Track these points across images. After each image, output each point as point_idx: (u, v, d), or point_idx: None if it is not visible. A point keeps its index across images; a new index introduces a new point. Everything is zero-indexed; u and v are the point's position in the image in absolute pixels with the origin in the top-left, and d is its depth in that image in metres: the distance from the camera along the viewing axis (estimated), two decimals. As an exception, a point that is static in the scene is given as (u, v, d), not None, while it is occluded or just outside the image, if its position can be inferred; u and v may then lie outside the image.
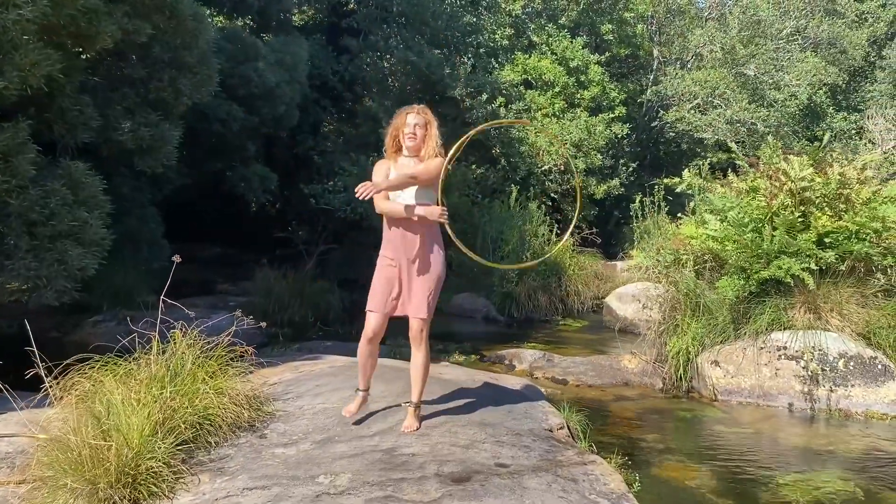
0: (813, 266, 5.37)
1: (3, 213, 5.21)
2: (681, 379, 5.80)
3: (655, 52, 18.77)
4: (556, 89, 14.73)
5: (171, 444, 3.19)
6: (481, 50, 15.72)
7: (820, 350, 5.34)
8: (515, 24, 15.99)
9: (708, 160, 11.56)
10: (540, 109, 14.29)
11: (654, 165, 19.12)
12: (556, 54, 15.29)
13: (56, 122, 6.13)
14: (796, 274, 5.32)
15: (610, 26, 17.24)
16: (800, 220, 5.51)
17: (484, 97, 13.10)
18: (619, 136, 14.97)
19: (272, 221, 15.33)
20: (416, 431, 3.61)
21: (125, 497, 2.92)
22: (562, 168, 13.68)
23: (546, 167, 13.53)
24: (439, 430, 3.59)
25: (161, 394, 3.45)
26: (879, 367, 5.27)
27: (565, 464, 3.36)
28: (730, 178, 6.24)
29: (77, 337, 7.97)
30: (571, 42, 15.42)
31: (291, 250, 11.94)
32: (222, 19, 14.34)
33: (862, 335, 5.45)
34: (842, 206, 5.57)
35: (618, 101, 15.95)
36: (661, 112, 17.82)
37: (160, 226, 10.63)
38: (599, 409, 5.34)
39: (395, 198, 3.56)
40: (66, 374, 3.70)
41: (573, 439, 4.01)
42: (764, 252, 5.51)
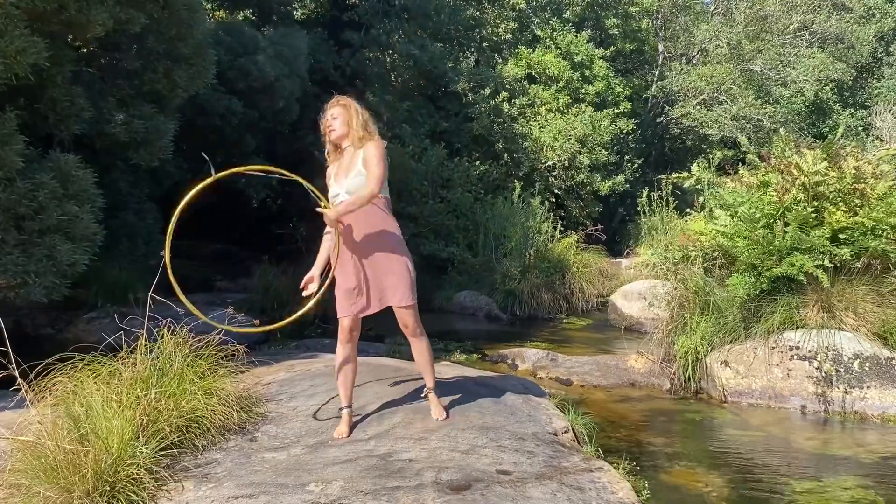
0: (827, 263, 5.17)
1: (-10, 207, 5.06)
2: (689, 379, 5.61)
3: (661, 48, 18.54)
4: (561, 84, 14.52)
5: (154, 448, 3.03)
6: (484, 44, 15.54)
7: (834, 350, 5.15)
8: (519, 17, 15.78)
9: (715, 156, 11.33)
10: (544, 104, 14.07)
11: (659, 162, 18.90)
12: (560, 49, 15.07)
13: (47, 114, 5.97)
14: (810, 271, 5.13)
15: (615, 20, 17.03)
16: (813, 215, 5.31)
17: (487, 92, 12.92)
18: (624, 132, 14.76)
19: (273, 218, 15.19)
20: (446, 420, 3.58)
21: (103, 506, 2.76)
22: (566, 164, 13.48)
23: (550, 163, 13.32)
24: (438, 434, 3.41)
25: (145, 395, 3.28)
26: (896, 368, 5.09)
27: (571, 471, 3.19)
28: (740, 172, 6.05)
29: (70, 334, 7.83)
30: (576, 36, 15.20)
31: (292, 247, 11.77)
32: (222, 14, 14.20)
33: (878, 335, 5.26)
34: (857, 201, 5.37)
35: (623, 96, 15.74)
36: (667, 108, 17.61)
37: (158, 221, 10.46)
38: (605, 410, 5.16)
39: (333, 195, 3.53)
40: (47, 374, 3.55)
41: (578, 443, 3.83)
42: (776, 248, 5.32)
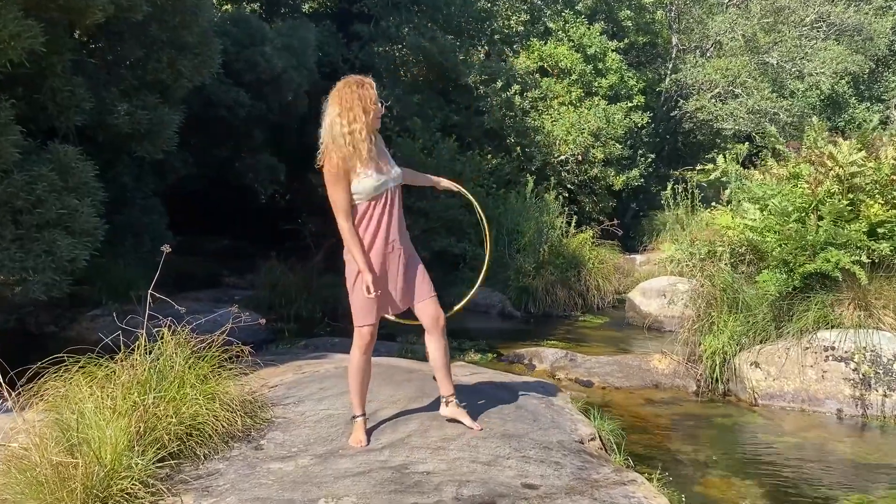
0: (864, 259, 4.90)
1: (-15, 200, 4.84)
2: (716, 381, 5.35)
3: (674, 40, 18.21)
4: (573, 77, 14.23)
5: (151, 459, 2.79)
6: (496, 37, 15.26)
7: (872, 351, 4.87)
8: (531, 9, 15.50)
9: (740, 148, 10.98)
10: (556, 97, 13.79)
11: (672, 157, 18.57)
12: (573, 41, 14.79)
13: (47, 104, 5.75)
14: (846, 267, 4.86)
15: (628, 12, 16.72)
16: (849, 208, 5.04)
17: (499, 85, 12.64)
18: (638, 126, 14.47)
19: (281, 213, 14.96)
20: (477, 427, 3.36)
21: (94, 523, 2.53)
22: (579, 158, 13.20)
23: (562, 157, 13.06)
24: (457, 443, 3.17)
25: (143, 400, 3.05)
26: (937, 369, 4.81)
27: (602, 484, 2.94)
28: (768, 163, 5.77)
29: (74, 332, 7.63)
30: (589, 29, 14.92)
31: (301, 243, 11.56)
32: (229, 7, 13.97)
33: (919, 335, 4.99)
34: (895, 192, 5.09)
35: (636, 90, 15.44)
36: (681, 102, 17.29)
37: (164, 216, 10.26)
38: (629, 414, 4.90)
39: (380, 185, 3.13)
40: (42, 377, 3.33)
41: (606, 452, 3.58)
42: (809, 243, 5.04)
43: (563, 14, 15.40)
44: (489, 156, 12.40)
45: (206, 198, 13.80)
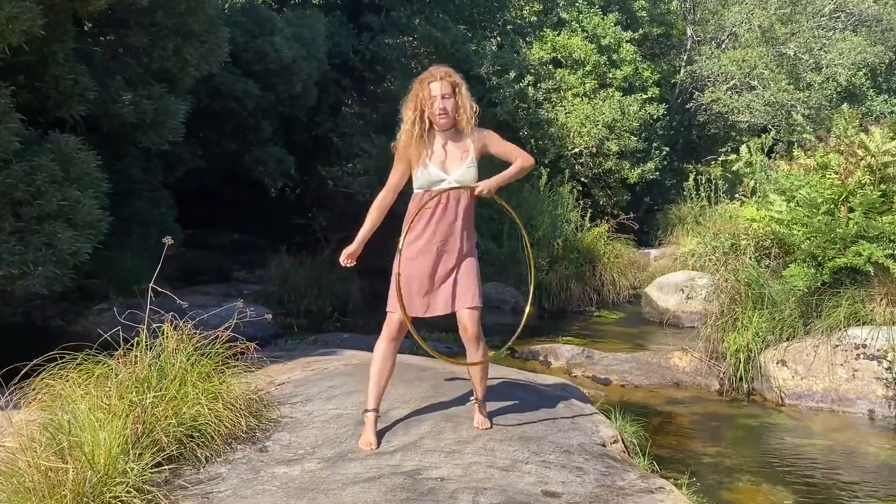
0: (898, 253, 4.68)
1: (-16, 191, 4.70)
2: (741, 380, 5.14)
3: (689, 31, 17.92)
4: (587, 68, 13.99)
5: (148, 463, 2.62)
6: (508, 27, 15.03)
7: (906, 349, 4.66)
8: (544, 0, 15.25)
9: (761, 139, 10.64)
10: (570, 89, 13.55)
11: (687, 150, 18.29)
12: (586, 32, 14.54)
13: (50, 93, 5.60)
14: (879, 261, 4.64)
15: (643, 3, 16.43)
16: (881, 199, 4.81)
17: (511, 75, 12.43)
18: (653, 117, 14.20)
19: (292, 207, 14.82)
20: (489, 429, 3.18)
21: (84, 533, 2.37)
22: (593, 151, 12.97)
23: (576, 150, 12.83)
24: (473, 447, 2.99)
25: (140, 400, 2.88)
26: (974, 368, 4.58)
27: (628, 491, 2.75)
28: (795, 153, 5.53)
29: (80, 326, 7.50)
30: (603, 19, 14.66)
31: (311, 237, 11.40)
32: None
33: (954, 332, 4.75)
34: (930, 183, 4.86)
35: (651, 81, 15.18)
36: (696, 93, 16.99)
37: (172, 209, 10.14)
38: (650, 414, 4.70)
39: (436, 178, 3.11)
40: (37, 374, 3.18)
41: (629, 455, 3.39)
42: (839, 236, 4.82)
43: (576, 4, 15.14)
44: (502, 148, 12.18)
45: (216, 192, 13.68)
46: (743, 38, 17.31)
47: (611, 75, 14.25)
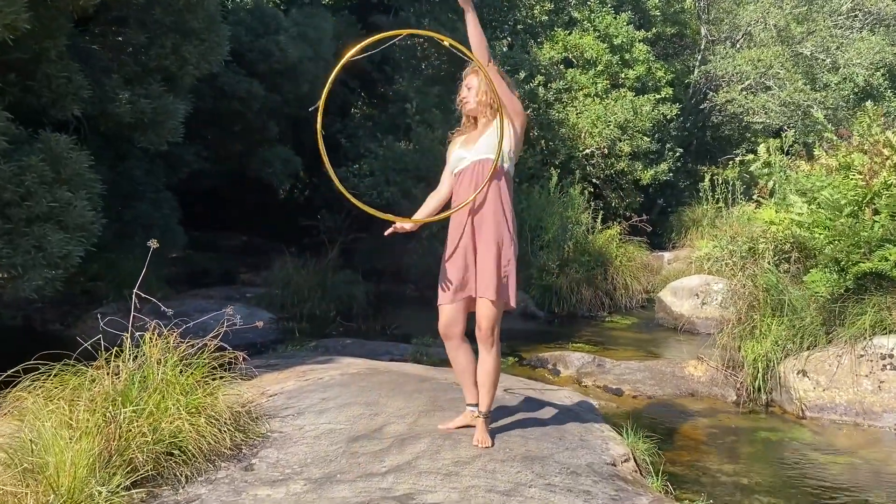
0: (926, 257, 4.42)
1: (-30, 192, 4.53)
2: (759, 390, 4.89)
3: (703, 31, 17.62)
4: (599, 68, 13.76)
5: (119, 485, 2.43)
6: (519, 27, 14.82)
7: (935, 360, 4.40)
8: (555, -1, 15.02)
9: (782, 137, 10.30)
10: (582, 89, 13.31)
11: (701, 151, 17.99)
12: (598, 31, 14.30)
13: (42, 92, 5.43)
14: (906, 267, 4.38)
15: (656, 2, 16.16)
16: (909, 201, 4.55)
17: (521, 76, 12.21)
18: (666, 118, 13.94)
19: (300, 209, 14.67)
20: (489, 448, 2.98)
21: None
22: (605, 152, 12.72)
23: (588, 151, 12.60)
24: (472, 468, 2.77)
25: (115, 416, 2.69)
26: None
27: (640, 518, 2.53)
28: (816, 152, 5.28)
29: (78, 330, 7.35)
30: (615, 18, 14.41)
31: (316, 239, 11.23)
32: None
33: None
34: (961, 185, 4.60)
35: (664, 81, 14.91)
36: (710, 94, 16.70)
37: (175, 211, 9.97)
38: (663, 427, 4.47)
39: (461, 158, 3.16)
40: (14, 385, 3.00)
41: (641, 475, 3.17)
42: (863, 240, 4.57)
43: (588, 3, 14.91)
44: (512, 149, 11.96)
45: (223, 193, 13.55)
46: (758, 37, 17.00)
47: (623, 75, 14.00)
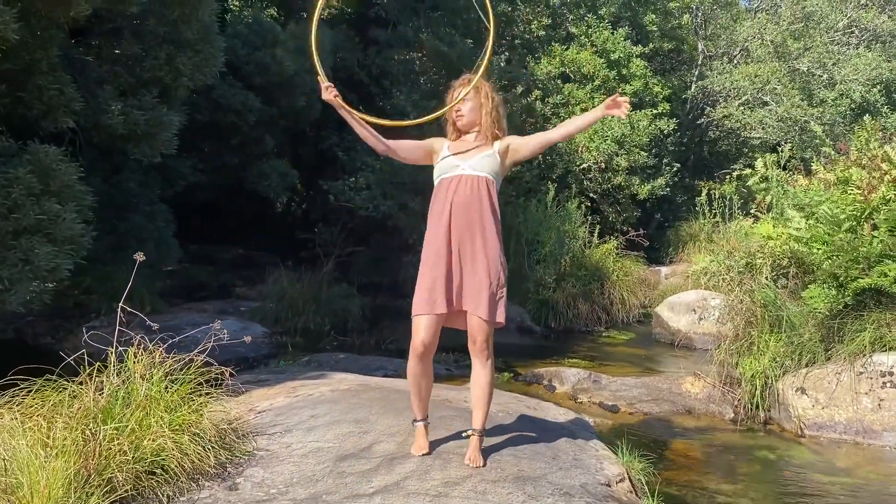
0: (926, 273, 4.37)
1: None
2: (757, 407, 4.82)
3: (700, 46, 17.67)
4: (596, 83, 13.77)
5: (96, 506, 2.35)
6: (516, 41, 14.84)
7: (936, 377, 4.33)
8: (553, 14, 15.04)
9: (781, 151, 10.27)
10: (579, 104, 13.31)
11: (698, 166, 17.99)
12: (596, 46, 14.33)
13: (33, 103, 5.38)
14: (906, 283, 4.33)
15: (653, 17, 16.21)
16: (908, 217, 4.50)
17: (519, 90, 12.20)
18: (664, 133, 13.93)
19: (297, 222, 14.62)
20: (482, 467, 2.90)
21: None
22: (602, 166, 12.70)
23: (585, 165, 12.58)
24: (462, 489, 2.69)
25: (94, 434, 2.61)
26: None
27: (634, 542, 2.45)
28: (815, 166, 5.24)
29: (69, 343, 7.27)
30: (612, 34, 14.44)
31: (312, 252, 11.17)
32: (237, 4, 13.69)
33: None
34: (960, 200, 4.55)
35: (661, 96, 14.92)
36: (708, 109, 16.71)
37: (170, 224, 9.91)
38: (660, 445, 4.39)
39: (450, 165, 3.06)
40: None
41: (637, 496, 3.09)
42: (862, 255, 4.51)
43: (586, 19, 14.95)
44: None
45: (220, 206, 13.50)
46: (755, 53, 17.05)
47: (620, 90, 14.00)
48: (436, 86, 13.27)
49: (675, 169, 14.50)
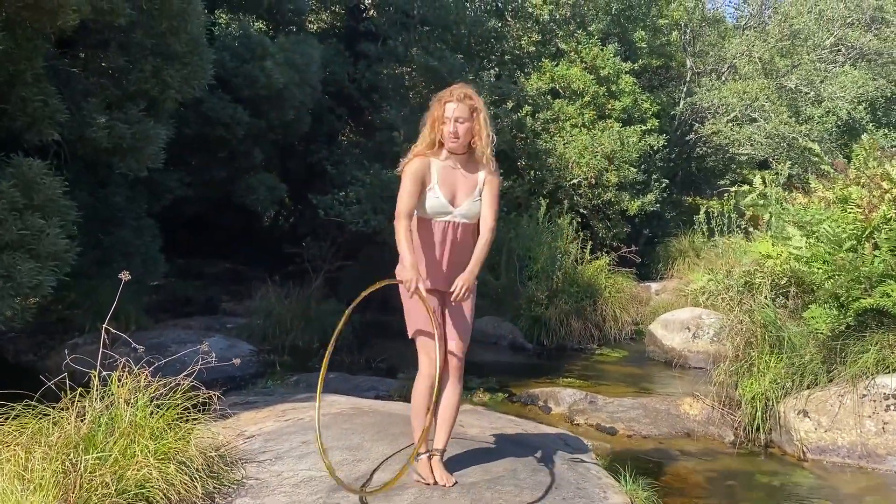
0: (929, 294, 4.30)
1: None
2: (757, 430, 4.72)
3: (689, 63, 17.77)
4: (586, 99, 13.77)
5: (75, 544, 2.21)
6: (506, 57, 14.85)
7: (940, 400, 4.26)
8: (542, 30, 15.06)
9: (777, 169, 10.28)
10: (569, 119, 13.30)
11: (686, 182, 18.04)
12: (585, 62, 14.34)
13: (17, 115, 5.24)
14: (908, 303, 4.26)
15: (642, 34, 16.27)
16: (909, 236, 4.44)
17: (509, 106, 12.17)
18: (653, 149, 13.94)
19: (285, 236, 14.46)
20: (455, 485, 2.87)
21: None
22: (592, 182, 12.67)
23: (575, 181, 12.54)
24: (463, 523, 2.57)
25: (76, 464, 2.47)
26: None
27: (645, 580, 2.33)
28: (813, 184, 5.19)
29: (52, 361, 7.08)
30: (602, 50, 14.47)
31: (300, 267, 11.03)
32: (225, 17, 13.58)
33: None
34: (962, 220, 4.50)
35: (650, 113, 14.96)
36: (696, 125, 16.78)
37: (157, 238, 9.73)
38: (660, 470, 4.28)
39: (441, 210, 3.03)
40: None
41: (642, 526, 2.97)
42: (864, 275, 4.45)
43: (575, 35, 14.96)
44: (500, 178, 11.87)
45: (208, 220, 13.32)
46: (743, 70, 17.17)
47: (610, 106, 14.02)
48: (425, 100, 13.20)
49: (664, 185, 14.51)
